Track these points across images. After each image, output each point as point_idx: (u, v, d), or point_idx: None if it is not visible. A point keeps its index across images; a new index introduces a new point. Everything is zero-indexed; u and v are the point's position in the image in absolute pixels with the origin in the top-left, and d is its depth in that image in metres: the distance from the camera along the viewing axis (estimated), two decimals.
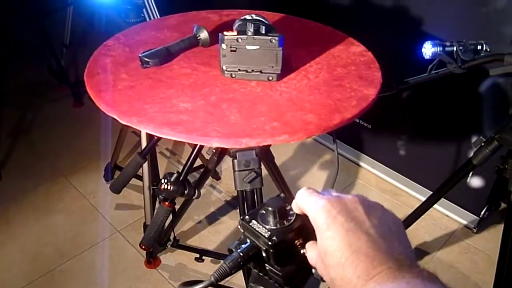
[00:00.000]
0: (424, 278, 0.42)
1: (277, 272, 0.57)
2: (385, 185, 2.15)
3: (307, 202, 0.52)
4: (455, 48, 1.04)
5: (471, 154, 1.35)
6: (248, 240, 0.57)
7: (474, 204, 1.88)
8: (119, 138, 1.96)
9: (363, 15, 1.90)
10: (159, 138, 1.24)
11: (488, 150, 1.21)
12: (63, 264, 1.75)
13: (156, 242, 1.41)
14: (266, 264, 0.57)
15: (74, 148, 2.32)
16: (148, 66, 1.18)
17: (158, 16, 1.59)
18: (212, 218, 1.96)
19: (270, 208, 0.55)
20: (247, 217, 0.57)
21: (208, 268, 1.72)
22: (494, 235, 1.84)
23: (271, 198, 0.58)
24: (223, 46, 1.10)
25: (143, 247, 1.39)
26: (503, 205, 1.89)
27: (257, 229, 0.56)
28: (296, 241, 0.55)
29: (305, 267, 0.55)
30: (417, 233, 1.86)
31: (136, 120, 1.00)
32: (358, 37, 1.32)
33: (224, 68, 1.13)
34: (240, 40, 1.09)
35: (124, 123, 1.01)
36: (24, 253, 1.79)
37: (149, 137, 1.51)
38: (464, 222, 1.92)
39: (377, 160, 2.18)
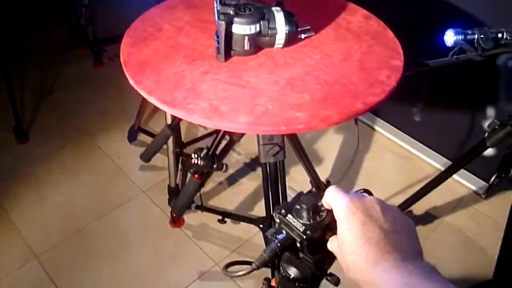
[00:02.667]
0: (426, 268, 0.50)
1: (309, 259, 0.65)
2: (399, 149, 2.22)
3: (333, 198, 0.60)
4: (476, 37, 1.08)
5: (485, 123, 1.40)
6: (284, 232, 0.65)
7: (484, 170, 1.94)
8: (143, 100, 2.02)
9: None
10: None
11: (502, 134, 1.26)
12: (93, 223, 1.86)
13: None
14: (299, 252, 0.66)
15: (97, 108, 2.40)
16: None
17: None
18: (232, 180, 2.06)
19: (304, 206, 0.63)
20: (283, 210, 0.65)
21: (229, 228, 1.84)
22: (503, 201, 1.91)
23: (306, 195, 0.65)
24: None
25: (174, 215, 1.48)
26: None
27: (292, 223, 0.63)
28: (326, 234, 0.64)
29: (332, 254, 0.64)
30: (428, 198, 1.93)
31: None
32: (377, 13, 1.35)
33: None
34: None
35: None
36: (55, 212, 1.90)
37: None
38: (474, 188, 2.00)
39: (392, 124, 2.24)
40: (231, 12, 1.13)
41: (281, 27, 1.16)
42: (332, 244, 0.62)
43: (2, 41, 2.17)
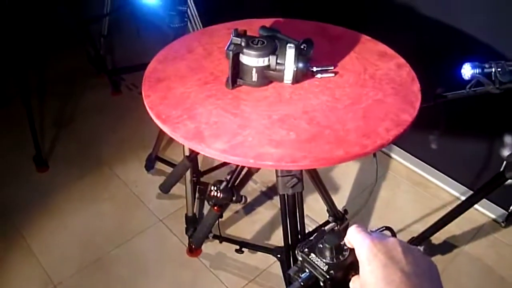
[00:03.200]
0: None
1: None
2: (416, 177, 2.21)
3: (355, 239, 0.60)
4: (493, 70, 1.09)
5: (503, 151, 1.39)
6: (307, 270, 0.66)
7: (503, 198, 1.93)
8: (160, 129, 2.05)
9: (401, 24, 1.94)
10: None
11: None
12: (111, 252, 1.87)
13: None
14: None
15: (115, 137, 2.43)
16: None
17: (200, 22, 1.66)
18: (248, 209, 2.06)
19: (327, 245, 0.64)
20: (306, 249, 0.66)
21: (247, 258, 1.83)
22: None
23: (329, 235, 0.66)
24: None
25: (193, 246, 1.49)
26: None
27: (316, 262, 0.64)
28: (349, 273, 0.64)
29: None
30: (447, 227, 1.92)
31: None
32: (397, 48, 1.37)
33: None
34: None
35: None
36: (75, 240, 1.92)
37: None
38: (493, 216, 1.98)
39: (409, 152, 2.24)
40: (242, 44, 1.16)
41: (290, 63, 1.16)
42: (354, 284, 0.62)
43: (22, 70, 2.22)
